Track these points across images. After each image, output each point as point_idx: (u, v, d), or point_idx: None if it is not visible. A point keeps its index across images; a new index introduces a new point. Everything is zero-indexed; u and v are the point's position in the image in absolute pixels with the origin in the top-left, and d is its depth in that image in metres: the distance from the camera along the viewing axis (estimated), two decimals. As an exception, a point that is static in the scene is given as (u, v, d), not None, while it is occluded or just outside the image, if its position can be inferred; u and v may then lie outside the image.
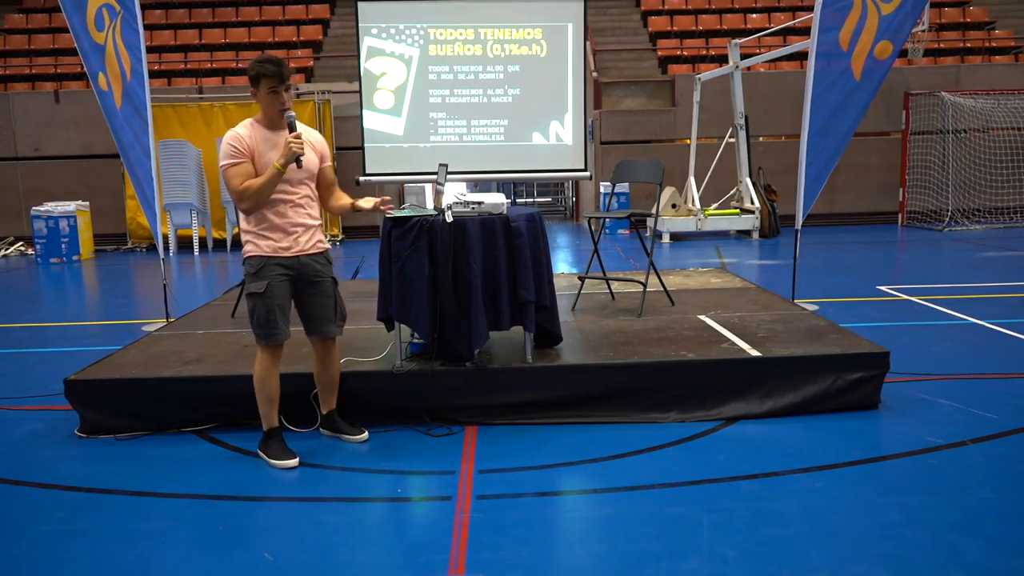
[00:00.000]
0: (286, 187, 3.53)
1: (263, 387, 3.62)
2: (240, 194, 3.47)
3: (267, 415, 3.66)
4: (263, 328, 3.53)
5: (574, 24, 6.84)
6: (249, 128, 3.54)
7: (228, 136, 3.50)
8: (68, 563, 2.78)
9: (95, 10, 5.65)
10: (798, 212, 5.93)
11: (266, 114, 3.54)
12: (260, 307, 3.52)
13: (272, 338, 3.55)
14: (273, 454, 3.61)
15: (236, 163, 3.48)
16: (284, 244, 3.55)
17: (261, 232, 3.54)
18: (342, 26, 15.93)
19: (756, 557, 2.70)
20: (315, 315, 3.69)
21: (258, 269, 3.53)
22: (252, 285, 3.53)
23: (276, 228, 3.54)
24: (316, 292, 3.67)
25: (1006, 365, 4.83)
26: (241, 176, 3.47)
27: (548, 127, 7.03)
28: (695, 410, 4.06)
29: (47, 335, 6.49)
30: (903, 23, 5.51)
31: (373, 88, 6.80)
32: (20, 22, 16.15)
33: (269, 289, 3.51)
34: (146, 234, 12.67)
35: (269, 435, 3.67)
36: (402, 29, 6.77)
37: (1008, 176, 12.83)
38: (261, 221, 3.54)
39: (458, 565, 2.70)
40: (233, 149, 3.48)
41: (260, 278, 3.52)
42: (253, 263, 3.54)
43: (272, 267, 3.53)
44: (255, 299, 3.52)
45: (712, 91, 12.54)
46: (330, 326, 3.73)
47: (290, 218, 3.56)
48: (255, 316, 3.53)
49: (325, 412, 3.94)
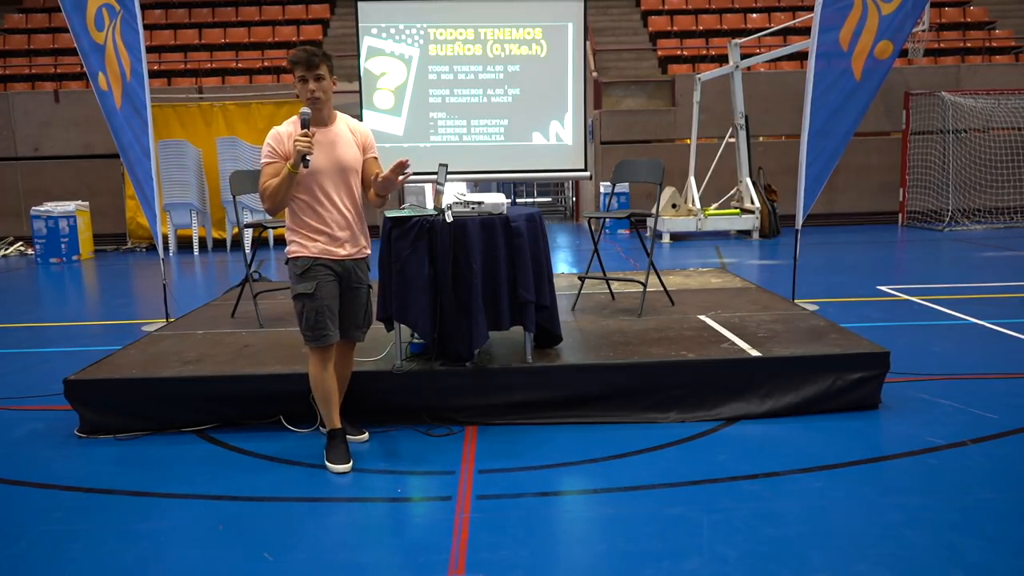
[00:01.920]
0: (325, 187, 3.46)
1: (318, 388, 3.57)
2: (261, 193, 3.45)
3: (326, 415, 3.61)
4: (313, 330, 3.47)
5: (574, 24, 6.85)
6: (293, 126, 3.46)
7: (269, 134, 3.47)
8: (68, 563, 2.78)
9: (95, 10, 5.65)
10: (798, 212, 5.93)
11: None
12: (309, 308, 3.45)
13: (322, 339, 3.48)
14: (329, 455, 3.56)
15: (268, 162, 3.44)
16: (331, 247, 3.49)
17: (307, 233, 3.48)
18: (342, 26, 15.93)
19: (756, 557, 2.70)
20: (345, 319, 3.62)
21: (304, 270, 3.46)
22: (300, 286, 3.46)
23: (321, 230, 3.48)
24: (353, 298, 3.62)
25: (1006, 365, 4.83)
26: (268, 176, 3.43)
27: (548, 127, 7.03)
28: (695, 410, 4.06)
29: (47, 335, 6.49)
30: (903, 23, 5.51)
31: (373, 88, 6.80)
32: (20, 22, 16.15)
33: (318, 289, 3.45)
34: (146, 234, 12.67)
35: (331, 435, 3.61)
36: (402, 29, 6.77)
37: (1008, 176, 12.84)
38: (306, 223, 3.48)
39: (458, 565, 2.70)
40: (269, 148, 3.44)
41: (308, 279, 3.45)
42: (299, 264, 3.48)
43: (319, 268, 3.47)
44: (304, 300, 3.46)
45: (712, 91, 12.54)
46: (357, 331, 3.70)
47: (335, 219, 3.50)
48: (304, 318, 3.47)
49: None
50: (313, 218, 3.48)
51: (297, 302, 3.49)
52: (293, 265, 3.50)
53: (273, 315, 5.49)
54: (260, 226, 5.91)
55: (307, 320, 3.47)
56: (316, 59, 3.37)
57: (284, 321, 5.32)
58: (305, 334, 3.51)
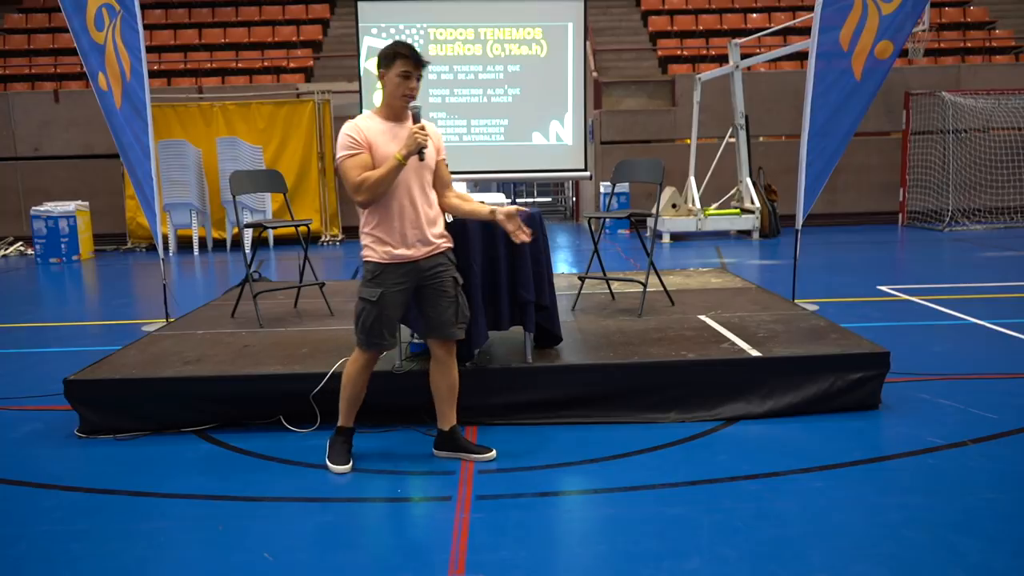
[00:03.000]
0: (406, 184, 3.37)
1: (350, 385, 3.53)
2: (357, 186, 3.30)
3: (345, 412, 3.58)
4: (367, 335, 3.42)
5: (574, 24, 6.85)
6: (368, 119, 3.39)
7: (346, 127, 3.36)
8: (68, 563, 2.78)
9: (95, 10, 5.65)
10: (798, 212, 5.93)
11: (388, 102, 3.38)
12: (369, 313, 3.39)
13: (373, 346, 3.45)
14: (331, 455, 3.56)
15: (353, 154, 3.32)
16: (402, 250, 3.39)
17: (380, 236, 3.38)
18: (342, 26, 15.93)
19: (756, 557, 2.69)
20: (435, 317, 3.50)
21: (375, 275, 3.39)
22: (365, 290, 3.40)
23: (396, 232, 3.38)
24: (437, 293, 3.48)
25: (1007, 365, 4.83)
26: (359, 168, 3.31)
27: (548, 127, 7.04)
28: (695, 410, 4.05)
29: (47, 335, 6.48)
30: (904, 23, 5.50)
31: (373, 88, 6.80)
32: (20, 22, 16.15)
33: (382, 298, 3.38)
34: (146, 234, 12.67)
35: (339, 432, 3.59)
36: (402, 29, 6.77)
37: (1008, 176, 12.84)
38: (380, 223, 3.38)
39: (458, 565, 2.70)
40: (351, 140, 3.32)
41: (376, 285, 3.38)
42: (371, 269, 3.41)
43: (389, 274, 3.38)
44: (365, 304, 3.40)
45: (712, 91, 12.54)
46: (451, 328, 3.51)
47: (410, 219, 3.40)
48: (361, 319, 3.41)
49: (446, 429, 3.66)
50: (387, 219, 3.38)
51: (359, 302, 3.44)
52: (365, 267, 3.45)
53: (273, 315, 5.49)
54: (260, 226, 5.91)
55: (364, 323, 3.41)
56: (421, 59, 3.32)
57: (284, 321, 5.32)
58: (358, 335, 3.45)
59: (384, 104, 3.41)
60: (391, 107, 3.39)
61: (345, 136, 3.34)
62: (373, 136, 3.35)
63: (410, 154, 3.29)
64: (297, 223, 5.64)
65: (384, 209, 3.37)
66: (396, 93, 3.33)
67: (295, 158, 12.78)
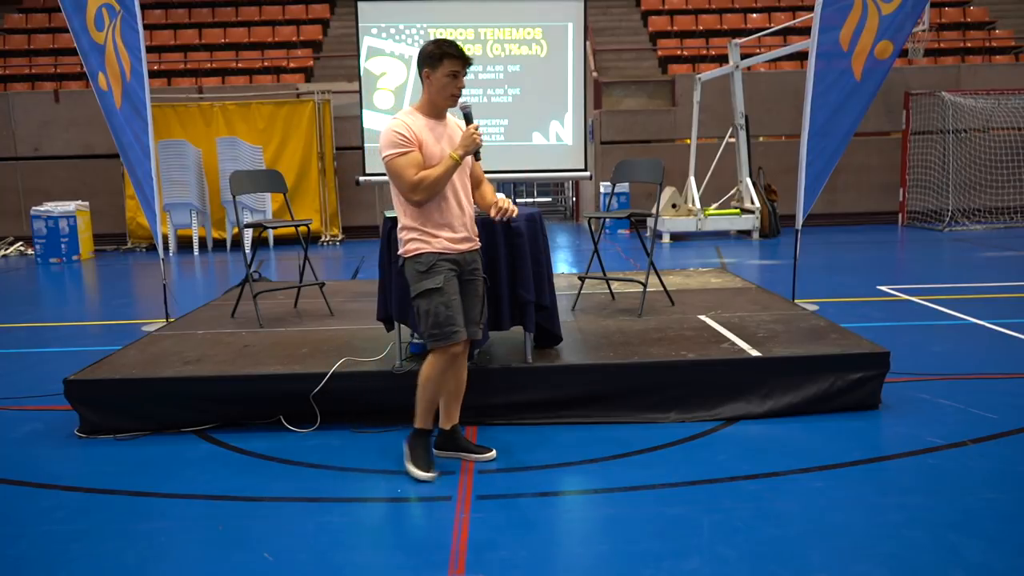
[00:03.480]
0: (453, 180, 3.35)
1: (428, 386, 3.41)
2: (415, 185, 3.25)
3: (423, 414, 3.47)
4: (442, 327, 3.29)
5: (574, 24, 6.85)
6: (411, 116, 3.34)
7: (392, 125, 3.28)
8: (68, 563, 2.78)
9: (95, 10, 5.65)
10: (798, 212, 5.93)
11: (432, 101, 3.34)
12: (438, 304, 3.29)
13: (452, 336, 3.30)
14: (414, 459, 3.44)
15: (405, 152, 3.25)
16: (452, 244, 3.37)
17: (429, 229, 3.33)
18: (342, 26, 15.93)
19: (757, 557, 2.69)
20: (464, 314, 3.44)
21: (429, 267, 3.31)
22: (426, 282, 3.30)
23: (444, 225, 3.34)
24: (469, 292, 3.46)
25: (1006, 365, 4.83)
26: (414, 166, 3.25)
27: (548, 127, 7.04)
28: (695, 410, 4.05)
29: (47, 335, 6.49)
30: (903, 23, 5.50)
31: (373, 88, 6.80)
32: (20, 22, 16.15)
33: (447, 283, 3.31)
34: (146, 234, 12.67)
35: (418, 434, 3.48)
36: (402, 29, 6.77)
37: (1008, 176, 12.83)
38: (429, 217, 3.33)
39: (458, 565, 2.70)
40: (401, 137, 3.26)
41: (434, 273, 3.30)
42: (423, 261, 3.32)
43: (442, 264, 3.33)
44: (431, 296, 3.29)
45: (712, 91, 12.54)
46: (474, 327, 3.49)
47: (456, 214, 3.38)
48: (431, 315, 3.30)
49: (447, 428, 3.63)
50: (437, 214, 3.34)
51: (423, 300, 3.32)
52: (414, 263, 3.34)
53: (273, 315, 5.49)
54: (260, 226, 5.91)
55: (436, 316, 3.29)
56: (469, 57, 3.31)
57: (284, 321, 5.33)
58: (432, 332, 3.31)
59: (427, 102, 3.36)
60: (435, 105, 3.35)
61: (394, 134, 3.26)
62: (421, 133, 3.30)
63: (467, 154, 3.29)
64: (297, 223, 5.64)
65: (435, 204, 3.34)
66: (444, 93, 3.31)
67: (295, 158, 12.78)
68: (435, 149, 3.32)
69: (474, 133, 3.30)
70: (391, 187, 3.41)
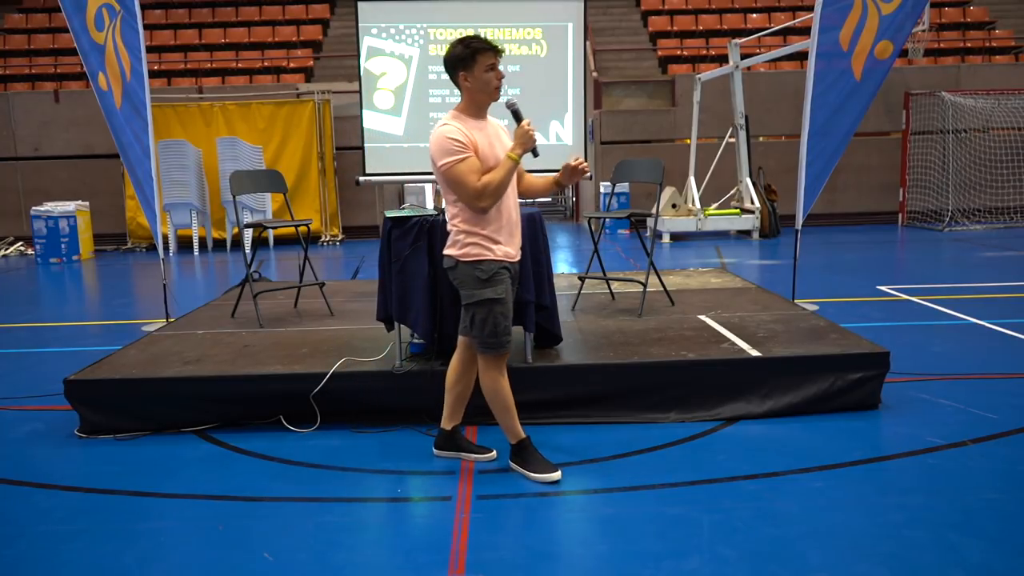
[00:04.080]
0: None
1: (496, 397, 3.35)
2: (479, 193, 3.14)
3: (510, 427, 3.39)
4: (498, 336, 3.26)
5: (574, 24, 6.85)
6: (459, 120, 3.23)
7: (444, 132, 3.16)
8: (68, 563, 2.78)
9: (95, 10, 5.65)
10: (798, 212, 5.93)
11: (475, 101, 3.25)
12: (498, 314, 3.24)
13: (506, 346, 3.30)
14: (534, 467, 3.36)
15: (464, 158, 3.14)
16: (510, 249, 3.30)
17: (490, 235, 3.24)
18: (342, 26, 15.93)
19: (756, 557, 2.69)
20: None
21: (491, 275, 3.23)
22: (488, 291, 3.23)
23: (503, 230, 3.27)
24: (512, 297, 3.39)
25: (1006, 365, 4.83)
26: (475, 172, 3.14)
27: (548, 127, 7.04)
28: (695, 410, 4.05)
29: (47, 335, 6.49)
30: (903, 23, 5.50)
31: (373, 88, 6.80)
32: (20, 22, 16.15)
33: (507, 295, 3.27)
34: (146, 234, 12.68)
35: (520, 447, 3.40)
36: (402, 29, 6.77)
37: (1008, 176, 12.84)
38: (489, 223, 3.23)
39: (458, 565, 2.70)
40: (457, 144, 3.13)
41: (496, 283, 3.24)
42: (484, 268, 3.23)
43: (502, 272, 3.26)
44: (492, 306, 3.23)
45: (712, 91, 12.54)
46: None
47: (512, 219, 3.31)
48: (490, 323, 3.24)
49: (448, 428, 3.60)
50: (498, 219, 3.25)
51: (481, 308, 3.24)
52: (476, 269, 3.24)
53: (273, 315, 5.49)
54: (260, 226, 5.91)
55: (494, 326, 3.25)
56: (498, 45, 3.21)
57: (284, 321, 5.33)
58: (488, 340, 3.27)
59: (469, 103, 3.27)
60: (479, 105, 3.27)
61: (448, 140, 3.14)
62: (474, 137, 3.21)
63: (524, 152, 3.21)
64: (297, 223, 5.64)
65: (495, 210, 3.25)
66: (487, 89, 3.22)
67: (295, 158, 12.78)
68: (488, 151, 3.23)
69: (529, 129, 3.19)
70: (442, 192, 3.30)
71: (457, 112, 3.28)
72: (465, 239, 3.26)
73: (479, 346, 3.33)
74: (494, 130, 3.35)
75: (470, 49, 3.17)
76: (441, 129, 3.20)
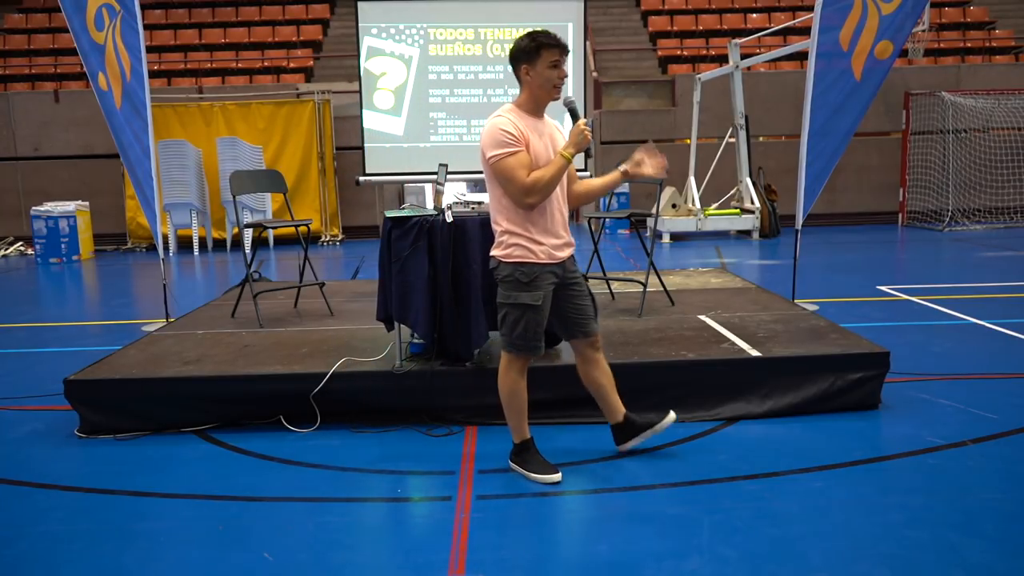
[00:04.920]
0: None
1: (513, 398, 3.35)
2: (528, 189, 3.12)
3: (517, 427, 3.40)
4: (526, 341, 3.26)
5: (574, 24, 6.84)
6: (514, 114, 3.20)
7: (497, 123, 3.15)
8: (68, 563, 2.78)
9: (95, 10, 5.65)
10: (798, 212, 5.93)
11: (534, 96, 3.22)
12: (531, 320, 3.23)
13: (534, 351, 3.29)
14: (533, 468, 3.37)
15: (514, 152, 3.12)
16: (555, 251, 3.27)
17: (535, 236, 3.21)
18: (342, 26, 15.93)
19: (756, 557, 2.69)
20: (577, 316, 3.39)
21: (532, 279, 3.21)
22: (525, 295, 3.21)
23: (547, 231, 3.23)
24: (575, 293, 3.37)
25: (1006, 365, 4.83)
26: (525, 167, 3.12)
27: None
28: (695, 410, 4.05)
29: (47, 335, 6.48)
30: (903, 23, 5.51)
31: (373, 88, 6.80)
32: (20, 22, 16.15)
33: (544, 302, 3.25)
34: (146, 234, 12.67)
35: (522, 447, 3.42)
36: (402, 29, 6.77)
37: (1008, 176, 12.83)
38: (534, 222, 3.21)
39: (458, 565, 2.70)
40: (509, 136, 3.12)
41: (535, 288, 3.21)
42: (526, 271, 3.21)
43: (545, 276, 3.24)
44: (526, 311, 3.22)
45: (712, 91, 12.54)
46: (593, 323, 3.42)
47: (558, 219, 3.28)
48: (521, 327, 3.24)
49: (620, 419, 3.55)
50: (542, 218, 3.22)
51: (515, 310, 3.24)
52: (518, 271, 3.22)
53: (273, 315, 5.49)
54: (260, 226, 5.91)
55: (525, 329, 3.24)
56: (565, 44, 3.18)
57: (284, 321, 5.33)
58: (515, 342, 3.27)
59: (528, 98, 3.25)
60: (537, 101, 3.25)
61: (500, 132, 3.14)
62: (527, 132, 3.19)
63: (578, 151, 3.18)
64: (297, 223, 5.64)
65: (539, 210, 3.22)
66: (547, 85, 3.19)
67: (295, 158, 12.78)
68: (540, 148, 3.21)
69: (584, 129, 3.17)
70: (488, 188, 3.29)
71: (514, 106, 3.26)
72: (508, 239, 3.24)
73: (506, 344, 3.31)
74: (549, 129, 3.32)
75: (535, 43, 3.16)
76: (494, 120, 3.18)
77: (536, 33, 3.19)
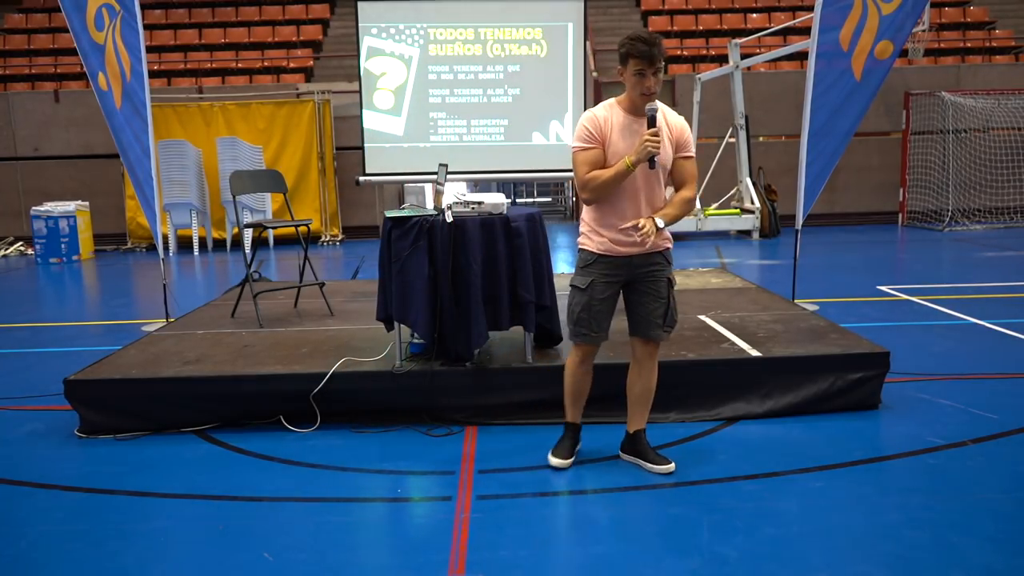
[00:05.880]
0: (634, 183, 3.24)
1: (570, 382, 3.56)
2: (583, 184, 3.25)
3: (567, 407, 3.62)
4: (575, 325, 3.40)
5: (574, 24, 6.85)
6: (608, 110, 3.26)
7: (585, 117, 3.27)
8: (68, 563, 2.78)
9: (95, 10, 5.65)
10: (798, 212, 5.92)
11: (629, 97, 3.24)
12: (578, 303, 3.37)
13: (582, 338, 3.40)
14: (556, 447, 3.57)
15: (586, 148, 3.24)
16: (618, 245, 3.29)
17: (597, 227, 3.32)
18: (342, 26, 15.92)
19: (756, 557, 2.69)
20: (642, 315, 3.40)
21: (587, 264, 3.35)
22: (577, 278, 3.39)
23: (613, 225, 3.28)
24: (647, 291, 3.37)
25: (1006, 365, 4.83)
26: (588, 164, 3.23)
27: (548, 127, 7.04)
28: (695, 410, 4.05)
29: (47, 335, 6.48)
30: (903, 23, 5.51)
31: (373, 88, 6.80)
32: (20, 22, 16.15)
33: (591, 287, 3.33)
34: (146, 234, 12.66)
35: (566, 428, 3.63)
36: (402, 29, 6.77)
37: (1008, 176, 12.83)
38: (604, 215, 3.30)
39: (458, 565, 2.70)
40: (586, 133, 3.24)
41: (586, 273, 3.35)
42: (584, 256, 3.38)
43: (602, 265, 3.32)
44: (575, 294, 3.39)
45: (712, 91, 12.53)
46: (656, 330, 3.40)
47: (631, 215, 3.27)
48: (571, 310, 3.41)
49: (632, 431, 3.55)
50: (609, 211, 3.28)
51: (571, 293, 3.42)
52: (580, 256, 3.42)
53: (273, 315, 5.49)
54: (260, 226, 5.91)
55: (573, 312, 3.40)
56: (657, 53, 3.11)
57: (284, 321, 5.32)
58: (569, 326, 3.46)
59: (627, 97, 3.27)
60: (633, 101, 3.25)
61: (582, 127, 3.26)
62: (611, 130, 3.23)
63: (639, 161, 3.15)
64: (297, 223, 5.64)
65: (609, 204, 3.28)
66: (634, 92, 3.21)
67: (295, 158, 12.77)
68: (621, 147, 3.22)
69: (647, 139, 3.11)
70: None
71: (616, 100, 3.31)
72: (581, 226, 3.44)
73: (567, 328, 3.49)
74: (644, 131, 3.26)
75: (625, 49, 3.18)
76: (587, 112, 3.31)
77: (634, 38, 3.16)
